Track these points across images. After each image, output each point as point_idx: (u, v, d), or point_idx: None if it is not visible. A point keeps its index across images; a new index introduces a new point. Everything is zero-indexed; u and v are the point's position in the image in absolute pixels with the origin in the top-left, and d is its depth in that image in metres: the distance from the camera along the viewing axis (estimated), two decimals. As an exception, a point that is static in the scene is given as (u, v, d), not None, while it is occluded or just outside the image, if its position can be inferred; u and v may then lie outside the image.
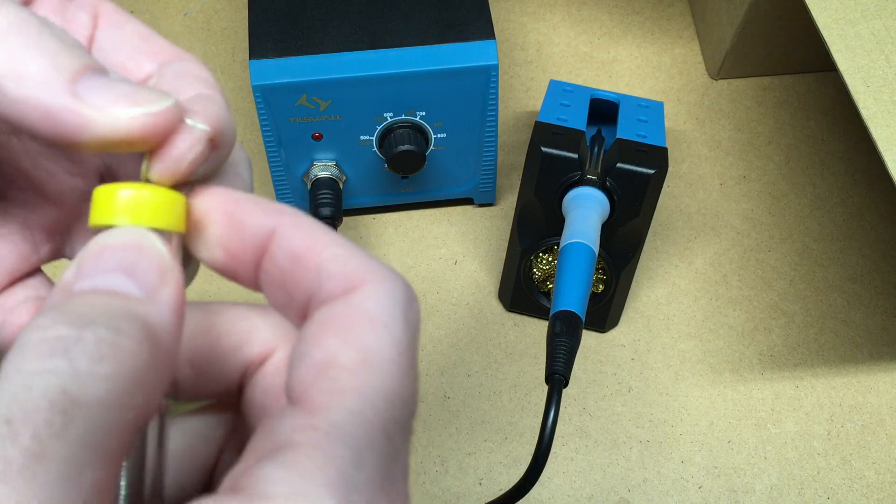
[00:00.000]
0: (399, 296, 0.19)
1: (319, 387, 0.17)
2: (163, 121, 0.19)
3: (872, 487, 0.47)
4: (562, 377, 0.38)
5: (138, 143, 0.19)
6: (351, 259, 0.19)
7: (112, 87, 0.19)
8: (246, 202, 0.20)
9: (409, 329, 0.19)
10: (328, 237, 0.19)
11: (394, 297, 0.19)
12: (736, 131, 0.59)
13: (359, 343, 0.18)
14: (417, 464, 0.47)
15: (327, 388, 0.17)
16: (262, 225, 0.19)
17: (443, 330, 0.52)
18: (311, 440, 0.17)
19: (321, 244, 0.19)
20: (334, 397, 0.17)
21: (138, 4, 0.65)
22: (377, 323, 0.18)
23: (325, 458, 0.16)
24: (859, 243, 0.55)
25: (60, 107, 0.18)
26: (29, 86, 0.18)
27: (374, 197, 0.54)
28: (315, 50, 0.46)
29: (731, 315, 0.52)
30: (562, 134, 0.46)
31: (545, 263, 0.50)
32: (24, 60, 0.18)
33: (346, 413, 0.17)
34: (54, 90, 0.18)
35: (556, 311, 0.40)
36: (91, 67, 0.19)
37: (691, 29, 0.64)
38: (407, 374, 0.18)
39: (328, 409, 0.17)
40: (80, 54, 0.19)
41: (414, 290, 0.20)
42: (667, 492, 0.47)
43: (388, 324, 0.18)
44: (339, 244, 0.19)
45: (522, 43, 0.63)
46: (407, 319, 0.19)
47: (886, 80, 0.38)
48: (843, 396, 0.50)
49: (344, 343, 0.18)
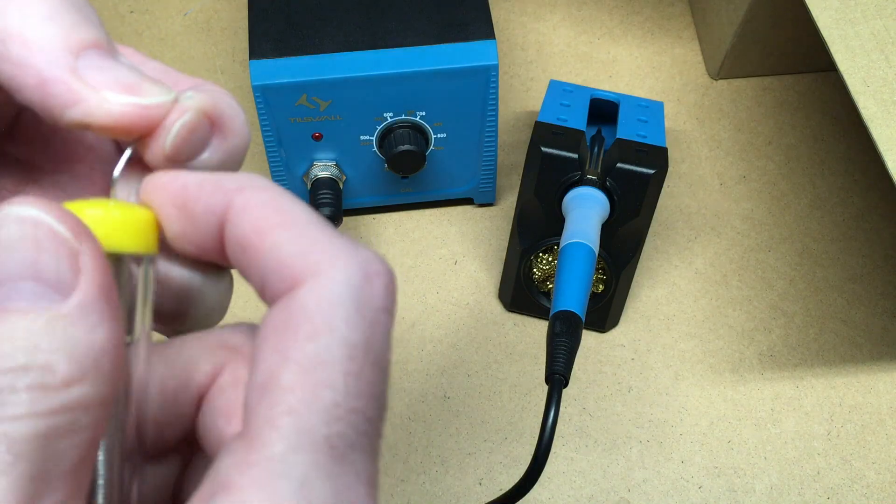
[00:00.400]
0: (352, 281, 0.17)
1: (258, 413, 0.16)
2: (155, 114, 0.19)
3: (872, 487, 0.47)
4: (562, 377, 0.38)
5: (123, 132, 0.19)
6: (295, 245, 0.17)
7: (114, 70, 0.19)
8: (193, 186, 0.19)
9: (364, 322, 0.17)
10: (277, 216, 0.18)
11: (341, 288, 0.17)
12: (736, 131, 0.59)
13: (299, 355, 0.16)
14: (417, 464, 0.48)
15: (265, 414, 0.16)
16: (212, 210, 0.18)
17: (443, 330, 0.52)
18: (248, 480, 0.16)
19: (269, 226, 0.18)
20: (272, 426, 0.16)
21: (138, 4, 0.65)
22: (319, 327, 0.16)
23: (263, 495, 0.15)
24: (859, 243, 0.55)
25: (55, 78, 0.18)
26: (32, 51, 0.18)
27: (374, 197, 0.54)
28: (315, 50, 0.46)
29: (731, 315, 0.52)
30: (562, 134, 0.46)
31: (545, 263, 0.50)
32: (36, 26, 0.18)
33: (286, 443, 0.16)
34: (55, 60, 0.18)
35: (556, 311, 0.40)
36: (101, 45, 0.19)
37: (691, 29, 0.64)
38: (361, 379, 0.17)
39: (266, 440, 0.16)
40: (95, 31, 0.19)
41: (382, 264, 0.17)
42: (667, 492, 0.47)
43: (332, 325, 0.16)
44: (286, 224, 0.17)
45: (522, 43, 0.63)
46: (361, 305, 0.17)
47: (886, 80, 0.38)
48: (843, 396, 0.50)
49: (283, 359, 0.16)
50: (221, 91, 0.21)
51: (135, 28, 0.64)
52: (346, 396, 0.16)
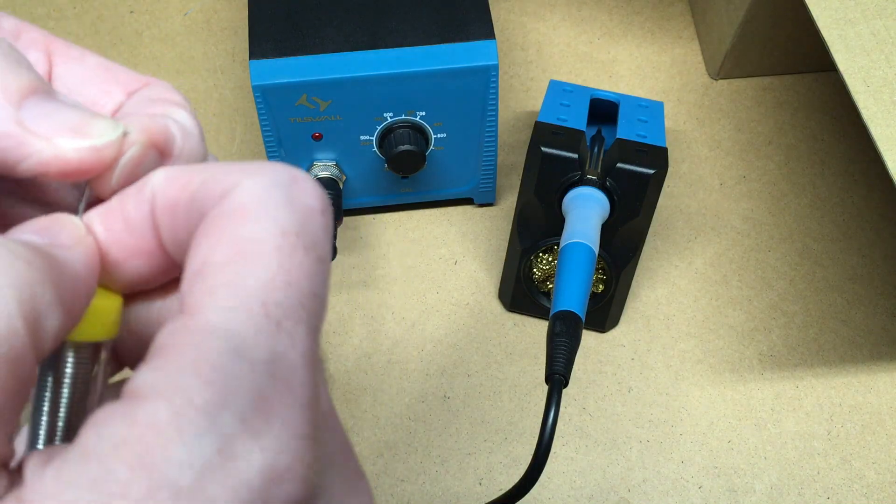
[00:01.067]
0: (278, 179, 0.18)
1: (193, 290, 0.17)
2: (108, 154, 0.19)
3: (872, 487, 0.47)
4: (562, 377, 0.38)
5: (80, 175, 0.19)
6: (220, 170, 0.18)
7: (59, 113, 0.19)
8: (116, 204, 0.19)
9: (294, 208, 0.17)
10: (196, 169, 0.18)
11: (270, 182, 0.18)
12: (736, 131, 0.59)
13: (231, 237, 0.17)
14: (417, 464, 0.48)
15: (200, 289, 0.17)
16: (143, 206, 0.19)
17: (443, 330, 0.52)
18: (183, 340, 0.16)
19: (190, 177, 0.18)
20: (208, 295, 0.17)
21: (138, 4, 0.65)
22: (250, 211, 0.17)
23: (197, 352, 0.16)
24: (859, 243, 0.55)
25: (3, 133, 0.18)
26: None
27: (374, 197, 0.54)
28: (315, 50, 0.46)
29: (731, 315, 0.52)
30: (562, 134, 0.46)
31: (545, 263, 0.50)
32: None
33: (220, 309, 0.16)
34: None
35: (556, 311, 0.40)
36: (39, 89, 0.19)
37: (691, 29, 0.64)
38: (295, 255, 0.17)
39: (202, 307, 0.17)
40: (28, 75, 0.19)
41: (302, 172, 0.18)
42: (667, 492, 0.47)
43: (264, 209, 0.17)
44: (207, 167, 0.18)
45: (522, 43, 0.63)
46: (291, 199, 0.18)
47: (886, 80, 0.38)
48: (843, 396, 0.50)
49: (217, 241, 0.17)
50: (175, 101, 0.21)
51: (135, 28, 0.64)
52: (279, 270, 0.17)
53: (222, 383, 0.16)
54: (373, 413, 0.49)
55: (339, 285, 0.53)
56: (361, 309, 0.52)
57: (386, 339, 0.51)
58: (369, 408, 0.49)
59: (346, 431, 0.20)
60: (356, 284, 0.53)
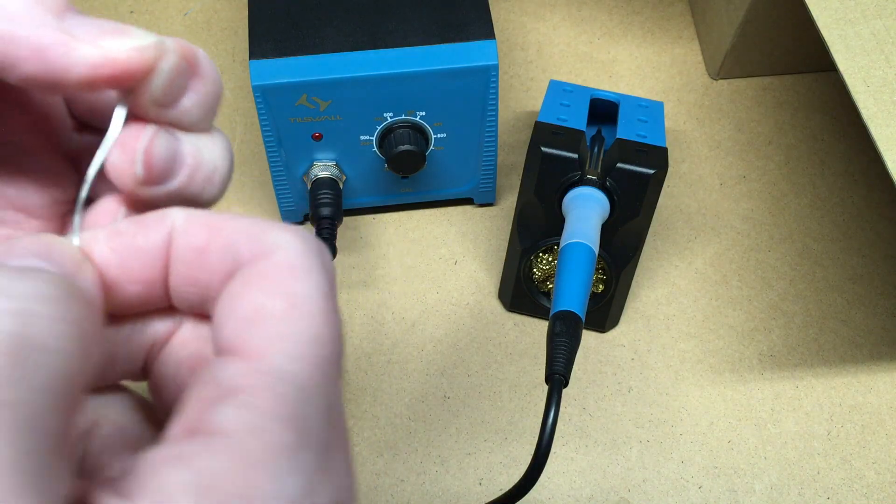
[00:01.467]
0: (313, 245, 0.19)
1: (253, 336, 0.18)
2: (151, 56, 0.19)
3: (872, 487, 0.47)
4: (562, 377, 0.38)
5: (127, 79, 0.19)
6: (255, 226, 0.19)
7: (97, 23, 0.19)
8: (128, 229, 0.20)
9: (327, 275, 0.19)
10: (223, 217, 0.20)
11: (309, 247, 0.19)
12: (736, 131, 0.59)
13: (285, 292, 0.18)
14: (417, 464, 0.48)
15: (261, 335, 0.18)
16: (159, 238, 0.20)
17: (443, 330, 0.52)
18: (258, 382, 0.17)
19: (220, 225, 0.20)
20: (272, 343, 0.18)
21: (138, 4, 0.65)
22: (299, 271, 0.19)
23: (275, 396, 0.17)
24: (859, 243, 0.55)
25: (53, 42, 0.18)
26: (20, 23, 0.18)
27: (374, 197, 0.54)
28: (315, 50, 0.46)
29: (731, 315, 0.52)
30: (562, 134, 0.46)
31: (545, 263, 0.50)
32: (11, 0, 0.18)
33: (285, 356, 0.18)
34: (45, 26, 0.18)
35: (556, 311, 0.40)
36: (72, 7, 0.19)
37: (691, 29, 0.64)
38: (332, 317, 0.19)
39: (267, 354, 0.18)
40: None
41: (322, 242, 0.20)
42: (667, 492, 0.47)
43: (309, 270, 0.19)
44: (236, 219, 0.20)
45: (522, 43, 0.63)
46: (324, 266, 0.19)
47: (886, 80, 0.38)
48: (843, 396, 0.50)
49: (271, 293, 0.18)
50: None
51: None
52: (327, 328, 0.19)
53: (302, 427, 0.17)
54: (373, 413, 0.49)
55: (340, 285, 0.53)
56: (361, 309, 0.52)
57: (386, 339, 0.51)
58: (369, 408, 0.49)
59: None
60: (356, 284, 0.53)
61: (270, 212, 0.55)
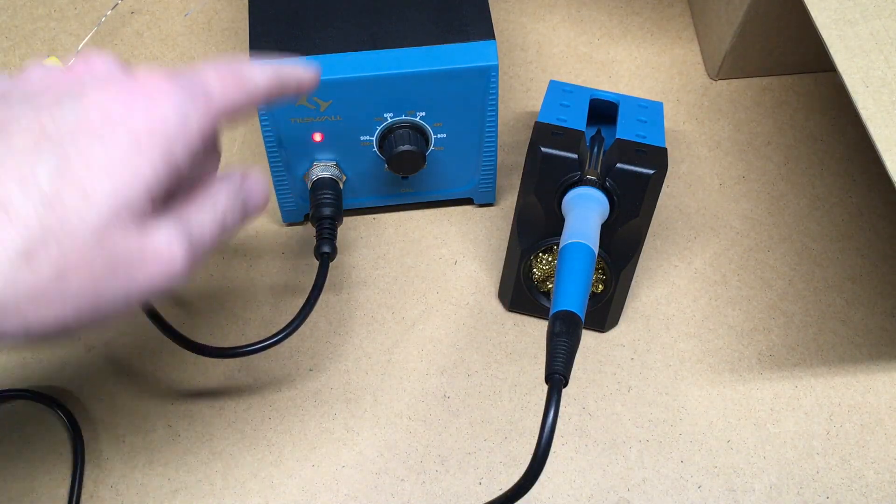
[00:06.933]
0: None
1: None
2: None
3: (872, 487, 0.47)
4: (562, 377, 0.38)
5: (309, 89, 0.35)
6: None
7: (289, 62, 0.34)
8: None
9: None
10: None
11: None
12: (735, 131, 0.60)
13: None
14: (417, 464, 0.48)
15: None
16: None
17: (443, 330, 0.52)
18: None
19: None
20: None
21: (139, 5, 0.65)
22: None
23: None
24: (859, 243, 0.55)
25: (287, 71, 0.34)
26: (261, 66, 0.32)
27: (374, 197, 0.54)
28: (315, 50, 0.46)
29: (730, 315, 0.53)
30: (561, 134, 0.46)
31: (545, 263, 0.50)
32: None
33: None
34: (276, 65, 0.33)
35: (556, 310, 0.40)
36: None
37: (691, 29, 0.64)
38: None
39: None
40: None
41: None
42: (666, 491, 0.47)
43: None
44: None
45: (522, 43, 0.63)
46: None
47: (886, 80, 0.38)
48: (843, 396, 0.50)
49: None
50: None
51: (136, 28, 0.64)
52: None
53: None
54: (373, 413, 0.49)
55: (340, 285, 0.53)
56: (361, 309, 0.53)
57: (386, 339, 0.52)
58: (369, 408, 0.49)
59: None
60: (356, 284, 0.53)
61: (270, 212, 0.55)
